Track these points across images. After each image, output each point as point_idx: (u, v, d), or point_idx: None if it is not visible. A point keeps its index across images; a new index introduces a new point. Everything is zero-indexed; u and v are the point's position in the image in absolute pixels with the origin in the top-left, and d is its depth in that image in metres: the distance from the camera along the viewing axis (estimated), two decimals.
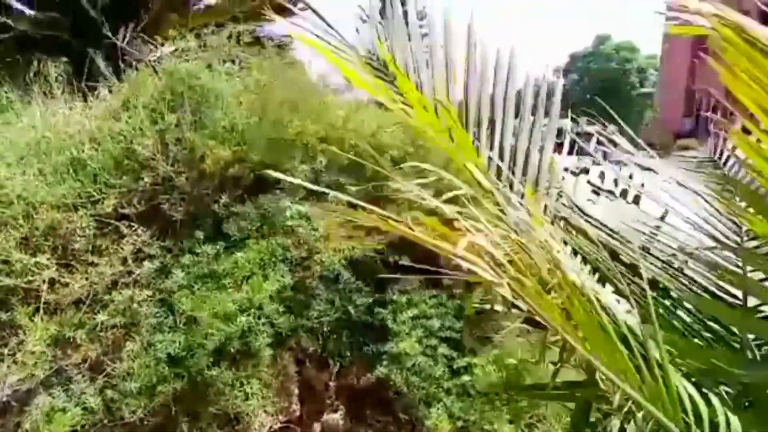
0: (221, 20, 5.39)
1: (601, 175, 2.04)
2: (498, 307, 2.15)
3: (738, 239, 1.69)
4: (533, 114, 1.87)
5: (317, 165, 3.04)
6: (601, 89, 41.11)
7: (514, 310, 1.67)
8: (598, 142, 2.14)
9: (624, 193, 1.94)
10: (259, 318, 2.53)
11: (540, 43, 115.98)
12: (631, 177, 1.99)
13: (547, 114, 1.93)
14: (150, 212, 2.84)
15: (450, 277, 2.65)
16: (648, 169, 2.03)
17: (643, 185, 1.94)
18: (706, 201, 1.78)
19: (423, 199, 1.17)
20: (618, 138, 2.13)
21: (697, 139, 21.15)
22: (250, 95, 3.01)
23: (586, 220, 1.61)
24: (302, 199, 2.94)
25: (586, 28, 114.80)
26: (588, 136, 2.29)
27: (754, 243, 1.67)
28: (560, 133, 2.06)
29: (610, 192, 1.96)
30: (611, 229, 1.61)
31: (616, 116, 2.43)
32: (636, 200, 1.93)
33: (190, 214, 2.81)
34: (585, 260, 1.52)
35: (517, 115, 1.85)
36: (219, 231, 2.76)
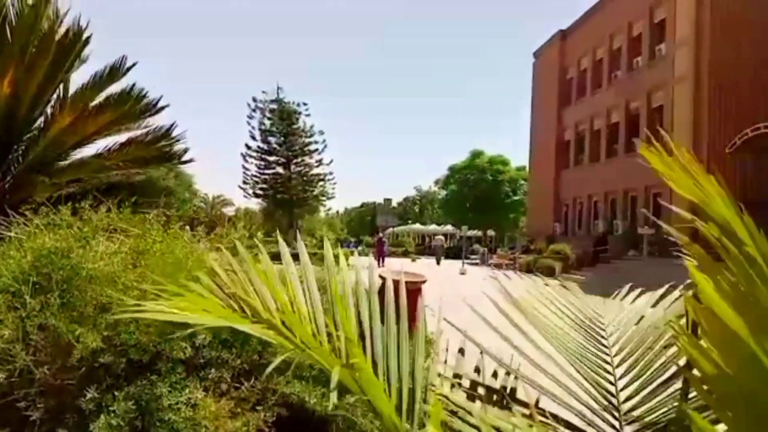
0: (93, 175, 5.17)
1: None
2: None
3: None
4: None
5: (199, 340, 2.90)
6: (478, 199, 44.01)
7: None
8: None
9: None
10: None
11: (423, 157, 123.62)
12: None
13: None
14: (3, 410, 2.53)
15: None
16: None
17: None
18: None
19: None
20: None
21: (566, 242, 22.84)
22: (129, 272, 2.86)
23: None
24: (183, 379, 2.76)
25: (462, 144, 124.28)
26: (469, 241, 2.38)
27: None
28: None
29: None
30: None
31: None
32: None
33: (52, 411, 2.53)
34: None
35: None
36: (86, 430, 2.49)
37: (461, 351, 1.89)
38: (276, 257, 1.90)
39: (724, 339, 0.87)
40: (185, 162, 7.94)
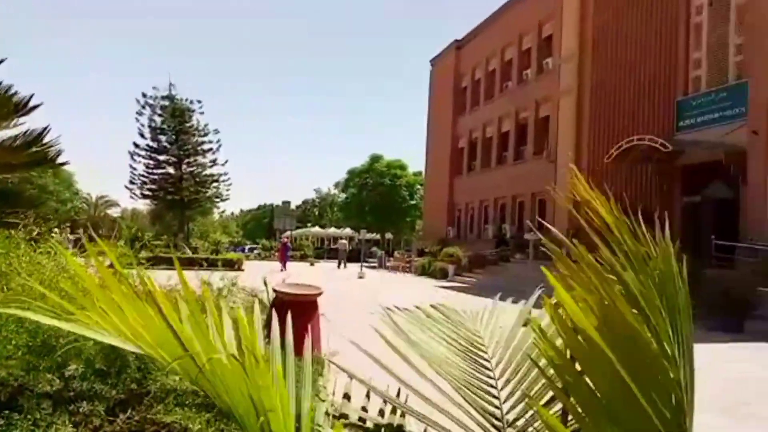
0: None
1: None
2: None
3: None
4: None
5: (69, 371, 2.65)
6: (377, 202, 44.53)
7: None
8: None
9: None
10: None
11: (323, 160, 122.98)
12: None
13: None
14: None
15: None
16: None
17: None
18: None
19: None
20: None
21: (459, 245, 23.58)
22: None
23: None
24: (49, 415, 2.51)
25: (361, 147, 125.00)
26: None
27: None
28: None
29: None
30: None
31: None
32: None
33: None
34: None
35: None
36: None
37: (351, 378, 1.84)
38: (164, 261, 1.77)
39: (575, 339, 0.92)
40: (59, 165, 7.30)
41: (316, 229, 65.46)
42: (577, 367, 0.95)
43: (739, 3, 18.78)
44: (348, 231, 52.92)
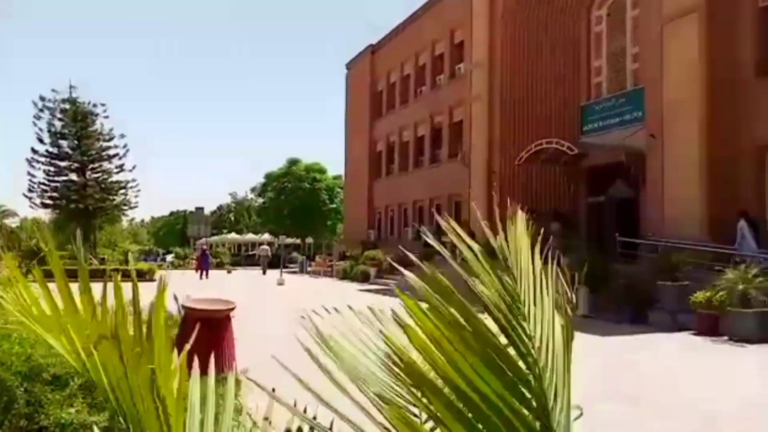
0: None
1: None
2: None
3: None
4: None
5: None
6: (296, 206, 43.95)
7: None
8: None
9: None
10: None
11: (239, 165, 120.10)
12: None
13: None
14: None
15: None
16: None
17: None
18: None
19: None
20: None
21: (380, 247, 23.61)
22: None
23: None
24: None
25: (279, 150, 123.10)
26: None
27: None
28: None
29: None
30: None
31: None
32: None
33: None
34: None
35: None
36: None
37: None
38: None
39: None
40: None
41: (233, 235, 63.76)
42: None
43: (633, 15, 20.05)
44: (267, 236, 51.90)
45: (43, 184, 36.86)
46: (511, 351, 0.99)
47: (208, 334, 3.38)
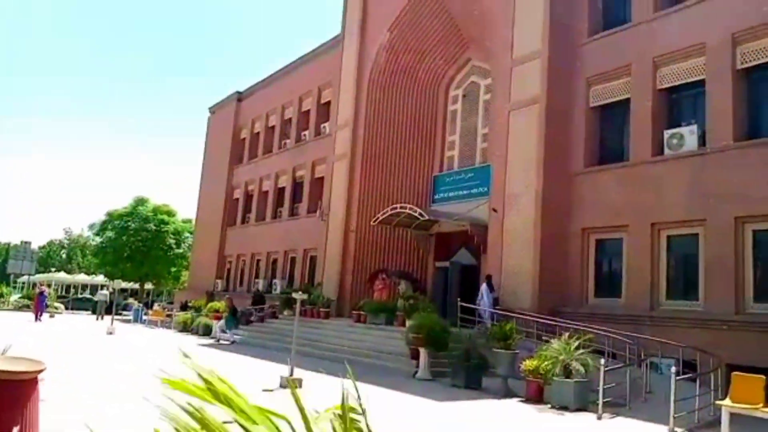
0: None
1: None
2: None
3: None
4: None
5: None
6: (138, 248, 41.00)
7: None
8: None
9: None
10: None
11: (77, 200, 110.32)
12: None
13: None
14: None
15: None
16: None
17: None
18: None
19: None
20: None
21: (229, 297, 22.77)
22: None
23: None
24: None
25: (127, 188, 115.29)
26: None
27: None
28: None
29: None
30: None
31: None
32: None
33: None
34: None
35: None
36: None
37: None
38: None
39: None
40: None
41: (62, 274, 57.89)
42: None
43: (485, 98, 21.99)
44: (101, 278, 47.74)
45: None
46: None
47: (8, 402, 2.93)
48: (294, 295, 14.31)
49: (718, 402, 8.98)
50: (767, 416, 8.11)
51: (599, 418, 9.73)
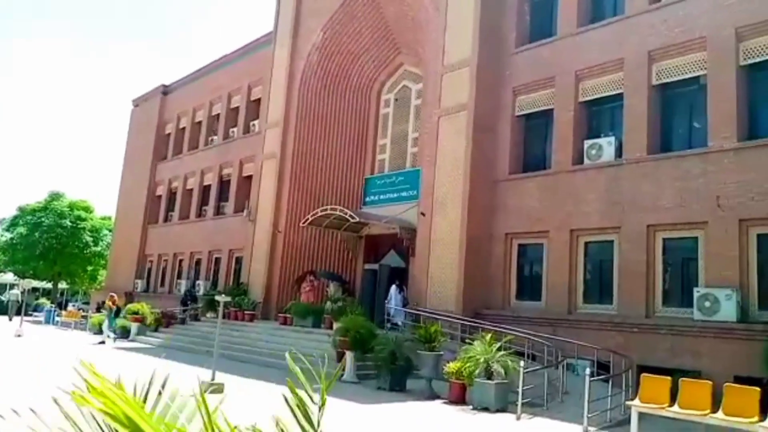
0: None
1: None
2: None
3: None
4: None
5: None
6: (52, 246, 38.74)
7: None
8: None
9: None
10: None
11: None
12: None
13: None
14: None
15: None
16: None
17: None
18: None
19: None
20: None
21: (147, 300, 21.97)
22: None
23: None
24: None
25: (39, 183, 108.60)
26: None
27: None
28: None
29: None
30: None
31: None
32: None
33: None
34: None
35: None
36: None
37: None
38: None
39: None
40: None
41: None
42: None
43: (416, 104, 22.25)
44: (9, 277, 44.79)
45: None
46: None
47: None
48: (217, 297, 13.90)
49: (628, 402, 9.44)
50: (672, 415, 8.60)
51: (518, 418, 10.01)
